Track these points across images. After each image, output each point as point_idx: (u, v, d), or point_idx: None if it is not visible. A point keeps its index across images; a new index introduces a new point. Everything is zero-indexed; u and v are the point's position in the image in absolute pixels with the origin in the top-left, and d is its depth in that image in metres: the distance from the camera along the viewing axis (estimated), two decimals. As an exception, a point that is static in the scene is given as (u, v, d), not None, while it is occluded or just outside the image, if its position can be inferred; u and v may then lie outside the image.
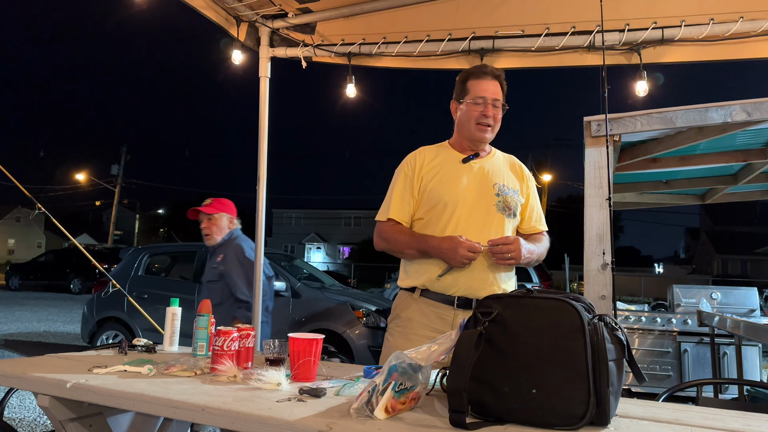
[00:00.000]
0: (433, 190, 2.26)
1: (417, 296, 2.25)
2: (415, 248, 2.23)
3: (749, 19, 3.53)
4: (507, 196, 2.28)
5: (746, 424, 1.46)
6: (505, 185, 2.30)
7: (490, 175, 2.30)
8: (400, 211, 2.30)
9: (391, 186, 2.36)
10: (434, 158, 2.32)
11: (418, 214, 2.30)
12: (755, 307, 6.00)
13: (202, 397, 1.54)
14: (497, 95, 2.27)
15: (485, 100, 2.25)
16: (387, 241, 2.31)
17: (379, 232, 2.34)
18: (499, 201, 2.26)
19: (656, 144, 4.53)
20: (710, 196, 7.38)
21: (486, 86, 2.27)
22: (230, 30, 4.08)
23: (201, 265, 7.07)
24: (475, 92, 2.26)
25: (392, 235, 2.29)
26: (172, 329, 2.34)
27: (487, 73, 2.29)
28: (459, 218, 2.22)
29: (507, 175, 2.35)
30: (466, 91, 2.29)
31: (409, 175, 2.31)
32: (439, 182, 2.27)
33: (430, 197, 2.26)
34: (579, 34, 3.76)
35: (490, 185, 2.28)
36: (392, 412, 1.40)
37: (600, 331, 1.37)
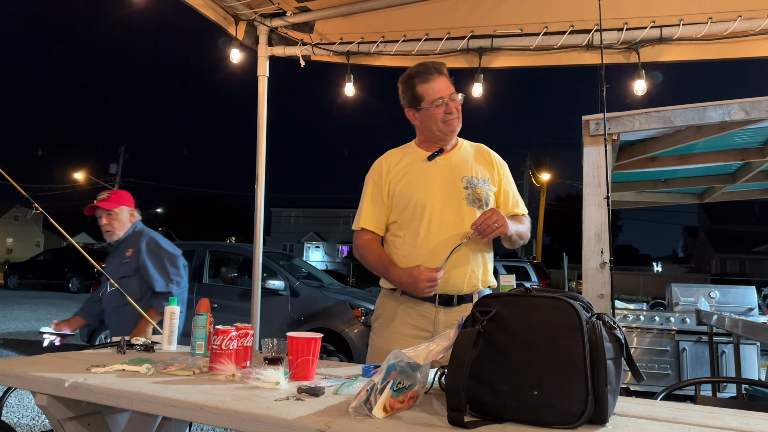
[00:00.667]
0: (402, 192, 2.25)
1: (398, 295, 2.25)
2: (379, 273, 2.27)
3: (747, 18, 3.53)
4: (476, 188, 2.26)
5: (744, 422, 1.46)
6: (474, 176, 2.28)
7: (457, 169, 2.28)
8: (372, 219, 2.30)
9: (362, 194, 2.36)
10: (400, 160, 2.32)
11: (392, 218, 2.29)
12: (753, 305, 6.02)
13: (200, 396, 1.54)
14: (451, 88, 2.25)
15: (444, 99, 2.23)
16: (361, 256, 2.33)
17: (356, 244, 2.35)
18: (469, 194, 2.25)
19: (655, 143, 4.53)
20: (709, 194, 7.38)
21: (438, 86, 2.23)
22: (229, 29, 4.08)
23: (200, 264, 7.07)
24: (431, 95, 2.23)
25: (365, 252, 2.30)
26: (170, 328, 2.34)
27: (432, 72, 2.24)
28: (431, 216, 2.21)
29: (474, 166, 2.32)
30: (419, 97, 2.25)
31: (377, 182, 2.31)
32: (407, 183, 2.26)
33: (400, 199, 2.25)
34: (577, 33, 3.77)
35: (458, 179, 2.26)
36: (390, 411, 1.40)
37: (598, 330, 1.37)
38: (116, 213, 3.50)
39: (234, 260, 8.39)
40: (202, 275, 7.03)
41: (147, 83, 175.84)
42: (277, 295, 6.43)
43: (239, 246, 8.65)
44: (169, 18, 57.39)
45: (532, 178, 28.64)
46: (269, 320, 6.02)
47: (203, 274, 7.04)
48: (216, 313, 2.32)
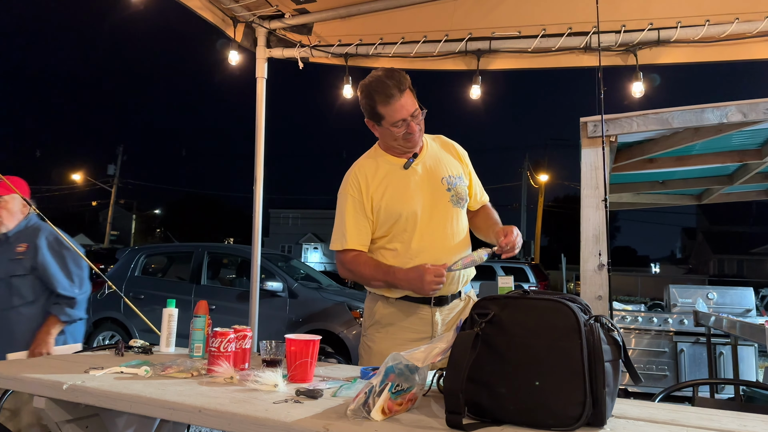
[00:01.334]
0: (389, 206, 2.20)
1: (394, 300, 2.22)
2: (382, 280, 2.18)
3: (745, 20, 3.55)
4: (456, 187, 2.25)
5: (742, 424, 1.47)
6: (451, 175, 2.26)
7: (434, 171, 2.26)
8: (357, 237, 2.21)
9: (339, 211, 2.26)
10: (376, 172, 2.24)
11: (379, 233, 2.23)
12: (751, 307, 6.02)
13: (198, 399, 1.54)
14: (411, 107, 2.15)
15: (405, 121, 2.14)
16: (352, 272, 2.24)
17: (342, 263, 2.25)
18: (452, 195, 2.24)
19: (652, 144, 4.54)
20: (706, 196, 7.40)
21: (398, 107, 2.12)
22: (227, 31, 4.08)
23: (198, 265, 7.07)
24: (391, 118, 2.13)
25: (357, 267, 2.21)
26: (168, 330, 2.33)
27: (394, 91, 2.10)
28: (423, 225, 2.19)
29: (448, 163, 2.30)
30: (380, 115, 2.16)
31: (357, 198, 2.22)
32: (392, 197, 2.21)
33: (389, 214, 2.20)
34: (575, 35, 3.78)
35: (438, 182, 2.24)
36: (389, 414, 1.40)
37: (596, 332, 1.37)
38: (6, 201, 2.99)
39: (232, 262, 8.39)
40: (200, 277, 7.03)
41: (145, 84, 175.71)
42: (276, 296, 6.43)
43: (237, 247, 8.65)
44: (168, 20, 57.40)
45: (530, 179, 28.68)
46: (267, 322, 6.02)
47: (201, 275, 7.03)
48: (214, 314, 2.32)
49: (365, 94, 2.18)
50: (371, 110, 2.18)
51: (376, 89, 2.14)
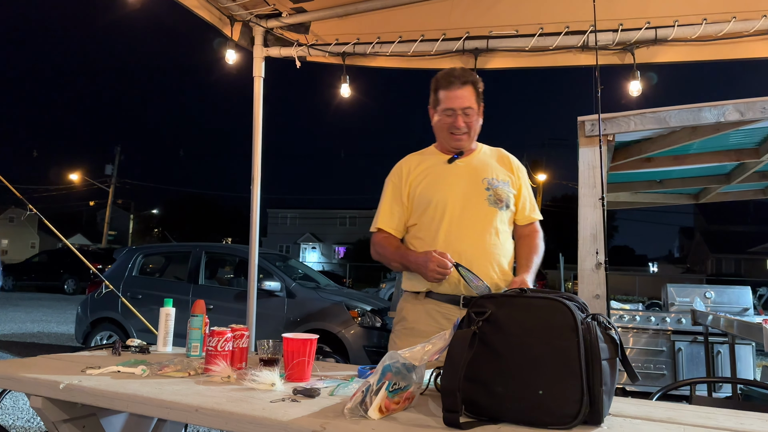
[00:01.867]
0: (422, 193, 2.26)
1: (422, 298, 2.25)
2: (398, 262, 2.26)
3: (742, 19, 3.55)
4: (497, 189, 2.27)
5: (739, 422, 1.47)
6: (495, 178, 2.29)
7: (478, 171, 2.30)
8: (389, 220, 2.31)
9: (381, 197, 2.37)
10: (420, 164, 2.33)
11: (412, 220, 2.30)
12: (749, 305, 6.03)
13: (195, 398, 1.53)
14: (467, 102, 2.23)
15: (454, 111, 2.23)
16: (379, 254, 2.34)
17: (373, 243, 2.36)
18: (490, 195, 2.26)
19: (650, 144, 4.55)
20: (704, 195, 7.41)
21: (455, 95, 2.22)
22: (224, 29, 4.08)
23: (195, 265, 7.06)
24: (445, 103, 2.24)
25: (382, 248, 2.31)
26: (165, 330, 2.33)
27: (456, 79, 2.23)
28: (452, 217, 2.22)
29: (495, 169, 2.33)
30: (438, 100, 2.27)
31: (397, 184, 2.32)
32: (428, 185, 2.27)
33: (420, 201, 2.26)
34: (573, 34, 3.78)
35: (479, 180, 2.27)
36: (386, 412, 1.40)
37: (593, 331, 1.37)
38: None
39: (230, 261, 8.39)
40: (198, 277, 7.02)
41: (143, 84, 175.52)
42: (273, 296, 6.42)
43: (235, 247, 8.64)
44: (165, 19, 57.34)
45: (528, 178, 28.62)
46: (265, 321, 6.01)
47: (199, 275, 7.03)
48: (212, 314, 2.32)
49: (434, 79, 2.31)
50: (434, 94, 2.30)
51: (443, 75, 2.28)
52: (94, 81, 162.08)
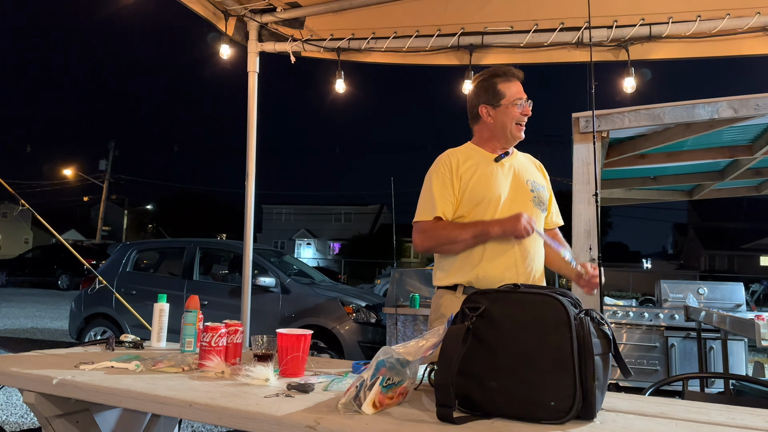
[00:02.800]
0: (474, 188, 2.27)
1: (459, 294, 2.26)
2: (471, 232, 2.21)
3: (736, 16, 3.56)
4: (539, 192, 2.35)
5: (730, 417, 1.48)
6: (535, 181, 2.37)
7: (522, 172, 2.36)
8: (446, 208, 2.28)
9: (426, 188, 2.34)
10: (467, 159, 2.34)
11: (459, 212, 2.30)
12: (741, 302, 6.06)
13: (189, 393, 1.53)
14: (526, 95, 2.34)
15: (522, 100, 2.31)
16: (434, 237, 2.28)
17: (423, 230, 2.30)
18: (534, 196, 2.32)
19: (644, 140, 4.56)
20: (698, 192, 7.44)
21: (518, 87, 2.32)
22: (218, 24, 4.06)
23: (190, 261, 7.05)
24: (512, 95, 2.30)
25: (439, 230, 2.27)
26: (159, 325, 2.33)
27: (514, 74, 2.34)
28: (503, 213, 2.25)
29: (534, 172, 2.41)
30: (500, 94, 2.30)
31: (446, 175, 2.31)
32: (479, 181, 2.28)
33: (473, 196, 2.27)
34: (567, 31, 3.78)
35: (524, 182, 2.33)
36: (380, 407, 1.40)
37: (586, 326, 1.38)
38: None
39: (224, 257, 8.37)
40: (192, 272, 7.00)
41: (136, 79, 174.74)
42: (268, 292, 6.42)
43: (229, 243, 8.62)
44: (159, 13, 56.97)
45: (522, 175, 28.58)
46: (260, 317, 6.00)
47: (193, 271, 7.01)
48: (206, 310, 2.31)
49: (485, 76, 2.35)
50: (491, 89, 2.31)
51: (497, 70, 2.34)
52: (88, 76, 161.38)
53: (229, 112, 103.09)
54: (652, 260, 44.55)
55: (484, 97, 2.34)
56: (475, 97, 2.38)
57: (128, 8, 3.85)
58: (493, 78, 2.33)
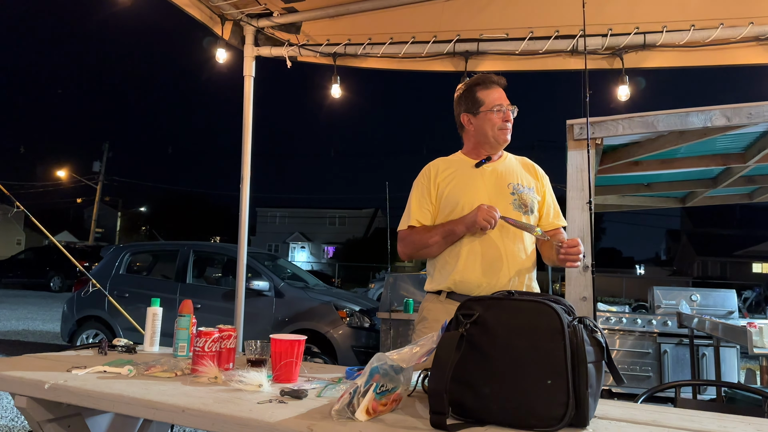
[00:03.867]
0: (450, 194, 2.30)
1: (443, 298, 2.29)
2: (439, 233, 2.26)
3: (729, 25, 3.58)
4: (522, 194, 2.33)
5: (722, 425, 1.48)
6: (519, 184, 2.36)
7: (503, 176, 2.36)
8: (421, 216, 2.34)
9: (408, 200, 2.41)
10: (448, 167, 2.38)
11: (439, 219, 2.34)
12: (733, 308, 6.08)
13: (182, 399, 1.53)
14: (507, 101, 2.37)
15: (502, 106, 2.33)
16: (410, 243, 2.34)
17: (401, 239, 2.38)
18: (515, 199, 2.31)
19: (638, 147, 4.58)
20: (691, 199, 7.48)
21: (497, 94, 2.35)
22: (214, 28, 4.06)
23: (183, 264, 7.03)
24: (492, 101, 2.33)
25: (415, 236, 2.34)
26: (152, 329, 2.32)
27: (494, 81, 2.36)
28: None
29: (521, 175, 2.40)
30: (478, 102, 2.35)
31: (425, 185, 2.37)
32: (455, 187, 2.32)
33: (448, 202, 2.30)
34: (562, 38, 3.80)
35: (504, 185, 2.33)
36: (373, 414, 1.40)
37: (579, 334, 1.38)
38: None
39: (218, 260, 8.35)
40: (186, 275, 6.98)
41: (132, 81, 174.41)
42: (262, 295, 6.40)
43: (223, 246, 8.60)
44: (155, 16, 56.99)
45: (517, 180, 28.62)
46: (253, 321, 5.99)
47: (186, 274, 6.99)
48: (200, 313, 2.31)
49: (465, 86, 2.41)
50: (471, 97, 2.37)
51: (476, 79, 2.39)
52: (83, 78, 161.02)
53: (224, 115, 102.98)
54: (645, 266, 44.69)
55: (464, 106, 2.39)
56: (457, 106, 2.43)
57: (124, 11, 3.85)
58: (473, 87, 2.38)
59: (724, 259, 38.76)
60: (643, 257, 52.08)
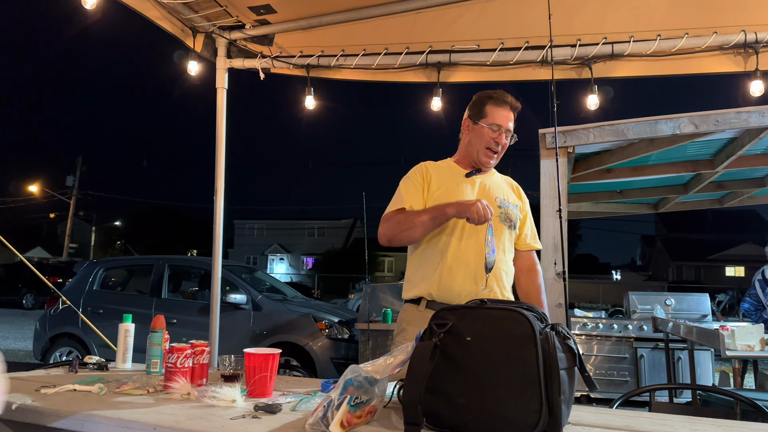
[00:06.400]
0: (439, 198, 2.29)
1: (422, 308, 2.27)
2: (428, 213, 2.20)
3: (694, 35, 3.67)
4: (508, 209, 2.35)
5: (693, 428, 1.50)
6: (506, 199, 2.38)
7: (492, 189, 2.38)
8: (414, 203, 2.29)
9: (398, 191, 2.35)
10: (439, 171, 2.38)
11: None
12: (707, 312, 6.18)
13: (154, 416, 1.51)
14: (510, 126, 2.35)
15: (500, 128, 2.32)
16: (394, 223, 2.25)
17: (386, 219, 2.29)
18: (501, 212, 2.33)
19: (609, 155, 4.66)
20: (663, 204, 7.61)
21: (504, 114, 2.34)
22: (186, 41, 4.04)
23: (158, 278, 6.94)
24: (493, 118, 2.33)
25: (399, 217, 2.26)
26: (124, 346, 2.28)
27: (508, 102, 2.35)
28: (464, 227, 2.26)
29: (507, 191, 2.43)
30: (483, 113, 2.35)
31: (418, 180, 2.34)
32: (445, 191, 2.31)
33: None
34: (532, 49, 3.85)
35: (493, 198, 2.34)
36: (348, 427, 1.39)
37: (551, 341, 1.39)
38: None
39: (194, 274, 8.26)
40: (161, 290, 6.89)
41: (106, 94, 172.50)
42: (239, 309, 6.34)
43: (199, 260, 8.51)
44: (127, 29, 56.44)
45: (494, 189, 28.81)
46: (231, 335, 5.92)
47: (162, 288, 6.90)
48: (176, 328, 2.28)
49: (482, 94, 2.40)
50: (479, 106, 2.37)
51: (494, 93, 2.38)
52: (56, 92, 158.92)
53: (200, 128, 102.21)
54: (621, 272, 45.20)
55: (471, 111, 2.41)
56: (467, 108, 2.44)
57: (96, 24, 3.81)
58: (486, 98, 2.38)
59: (698, 263, 39.42)
60: (620, 263, 52.69)
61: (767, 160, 5.19)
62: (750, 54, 3.67)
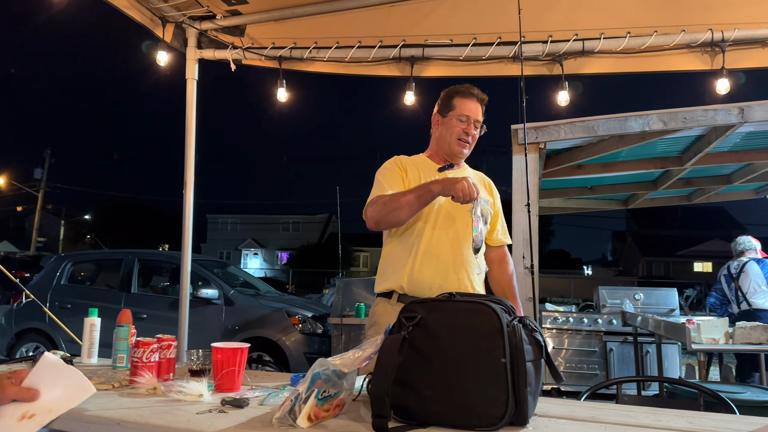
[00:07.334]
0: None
1: (394, 302, 2.28)
2: (413, 192, 2.18)
3: (663, 33, 3.72)
4: (481, 204, 2.34)
5: (656, 419, 1.53)
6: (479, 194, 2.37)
7: None
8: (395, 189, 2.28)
9: (377, 181, 2.35)
10: (414, 165, 2.40)
11: None
12: (675, 306, 6.30)
13: (118, 411, 1.48)
14: (479, 117, 2.40)
15: (468, 119, 2.36)
16: (381, 205, 2.22)
17: (371, 203, 2.27)
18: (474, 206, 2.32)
19: (580, 151, 4.71)
20: (633, 201, 7.73)
21: (471, 106, 2.38)
22: (155, 31, 3.97)
23: (128, 273, 6.84)
24: (461, 110, 2.37)
25: (384, 199, 2.23)
26: (90, 340, 2.24)
27: (474, 94, 2.40)
28: (435, 221, 2.29)
29: (479, 187, 2.41)
30: (451, 107, 2.40)
31: (396, 171, 2.36)
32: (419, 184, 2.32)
33: None
34: (505, 45, 3.86)
35: None
36: (315, 420, 1.39)
37: (518, 333, 1.40)
38: None
39: (165, 269, 8.16)
40: (131, 285, 6.79)
41: (74, 86, 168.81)
42: (211, 304, 6.28)
43: (170, 254, 8.41)
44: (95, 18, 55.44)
45: (468, 184, 28.92)
46: (202, 330, 5.86)
47: (132, 283, 6.80)
48: (146, 323, 2.25)
49: (449, 90, 2.45)
50: (447, 101, 2.42)
51: (461, 87, 2.43)
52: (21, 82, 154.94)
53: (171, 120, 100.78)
54: (592, 267, 45.88)
55: (440, 106, 2.45)
56: (436, 104, 2.48)
57: (62, 14, 3.72)
58: (454, 92, 2.42)
59: (668, 259, 40.20)
60: (591, 258, 53.45)
61: (734, 158, 5.30)
62: (716, 52, 3.74)
